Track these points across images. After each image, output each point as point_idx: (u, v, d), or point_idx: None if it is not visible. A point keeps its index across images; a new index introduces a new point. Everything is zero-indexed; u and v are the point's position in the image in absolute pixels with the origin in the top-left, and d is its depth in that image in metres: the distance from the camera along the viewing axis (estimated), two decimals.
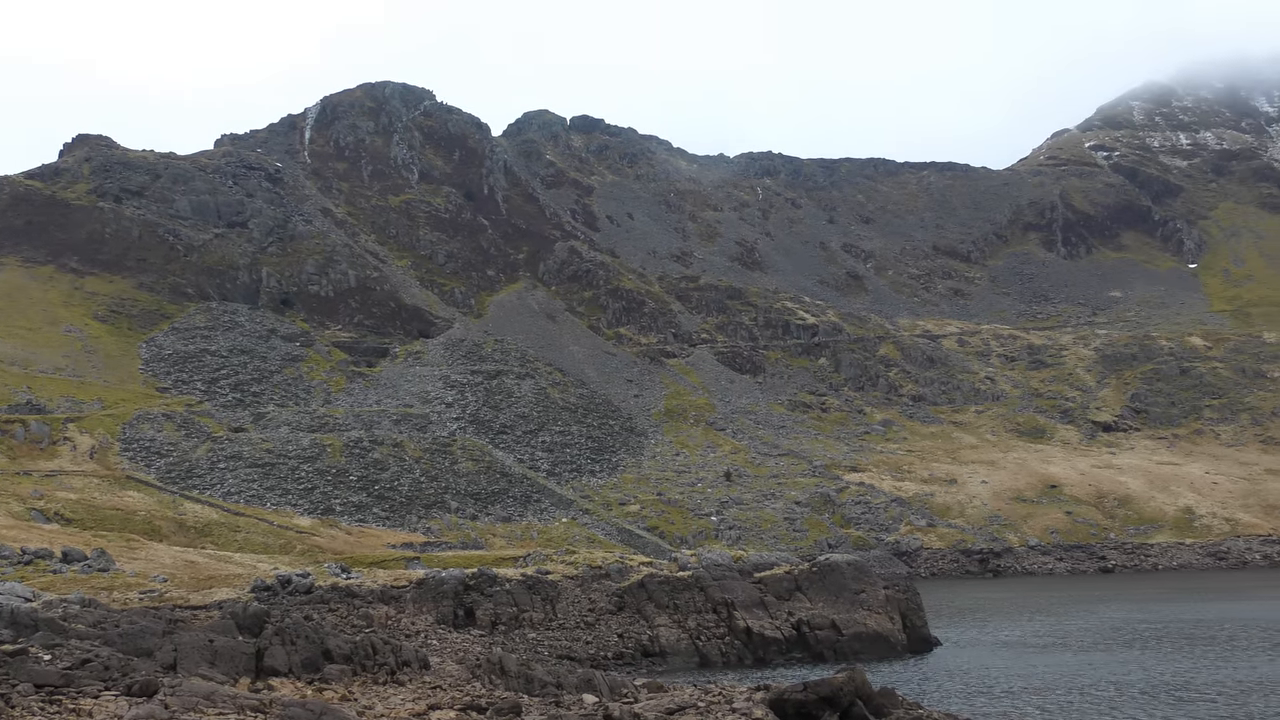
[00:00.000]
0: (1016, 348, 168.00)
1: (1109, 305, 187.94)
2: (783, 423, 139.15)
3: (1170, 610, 68.98)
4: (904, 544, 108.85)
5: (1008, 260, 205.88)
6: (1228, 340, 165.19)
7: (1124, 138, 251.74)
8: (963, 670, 47.53)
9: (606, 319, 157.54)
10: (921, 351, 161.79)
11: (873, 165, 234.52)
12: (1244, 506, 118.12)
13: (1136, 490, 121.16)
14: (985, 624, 64.72)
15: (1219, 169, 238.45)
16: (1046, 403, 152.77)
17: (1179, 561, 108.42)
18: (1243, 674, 43.35)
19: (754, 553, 65.63)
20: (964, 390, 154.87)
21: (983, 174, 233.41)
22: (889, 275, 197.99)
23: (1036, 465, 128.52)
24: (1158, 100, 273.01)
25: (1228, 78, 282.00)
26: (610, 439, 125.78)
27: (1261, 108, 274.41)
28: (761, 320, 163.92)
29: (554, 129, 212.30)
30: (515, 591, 52.54)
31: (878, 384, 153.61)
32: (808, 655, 52.27)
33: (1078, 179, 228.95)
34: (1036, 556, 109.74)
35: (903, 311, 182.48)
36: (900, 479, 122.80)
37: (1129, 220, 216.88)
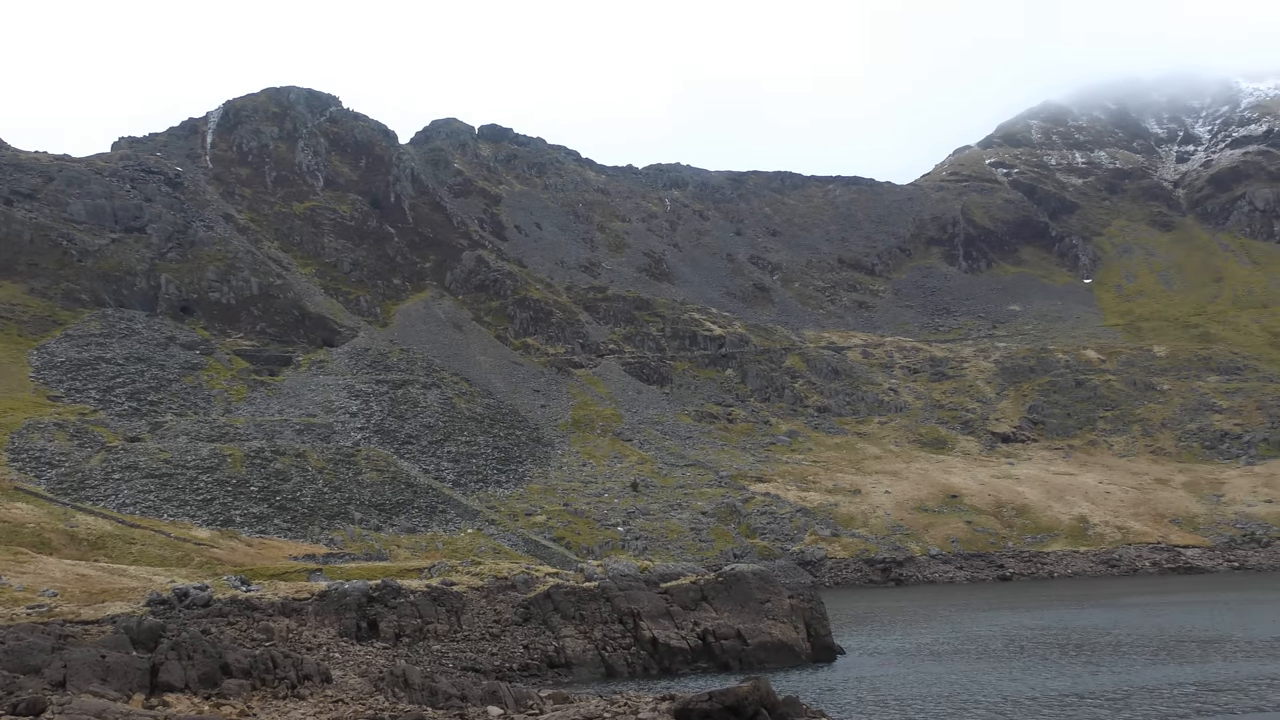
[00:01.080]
0: (919, 360, 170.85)
1: (1008, 319, 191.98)
2: (689, 433, 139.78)
3: (1063, 618, 70.54)
4: (809, 554, 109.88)
5: (911, 274, 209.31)
6: (1120, 354, 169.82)
7: (1023, 155, 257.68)
8: (865, 679, 48.04)
9: (514, 329, 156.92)
10: (827, 363, 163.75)
11: (780, 178, 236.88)
12: (1135, 515, 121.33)
13: (1034, 500, 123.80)
14: (888, 632, 65.56)
15: (1112, 187, 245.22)
16: (948, 414, 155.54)
17: (1074, 569, 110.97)
18: (1128, 680, 44.42)
19: (660, 563, 65.74)
20: (868, 401, 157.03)
21: (887, 189, 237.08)
22: (795, 287, 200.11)
23: (938, 475, 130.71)
24: (1055, 119, 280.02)
25: (1120, 99, 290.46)
26: (517, 449, 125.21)
27: (1151, 129, 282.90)
28: (669, 331, 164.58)
29: (462, 138, 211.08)
30: (420, 603, 51.91)
31: (783, 395, 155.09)
32: (713, 665, 52.42)
33: (979, 195, 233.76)
34: (938, 565, 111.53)
35: (808, 323, 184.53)
36: (805, 489, 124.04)
37: (1027, 236, 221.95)
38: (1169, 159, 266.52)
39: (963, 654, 54.26)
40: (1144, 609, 75.17)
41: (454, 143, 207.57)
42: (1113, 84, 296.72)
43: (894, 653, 56.35)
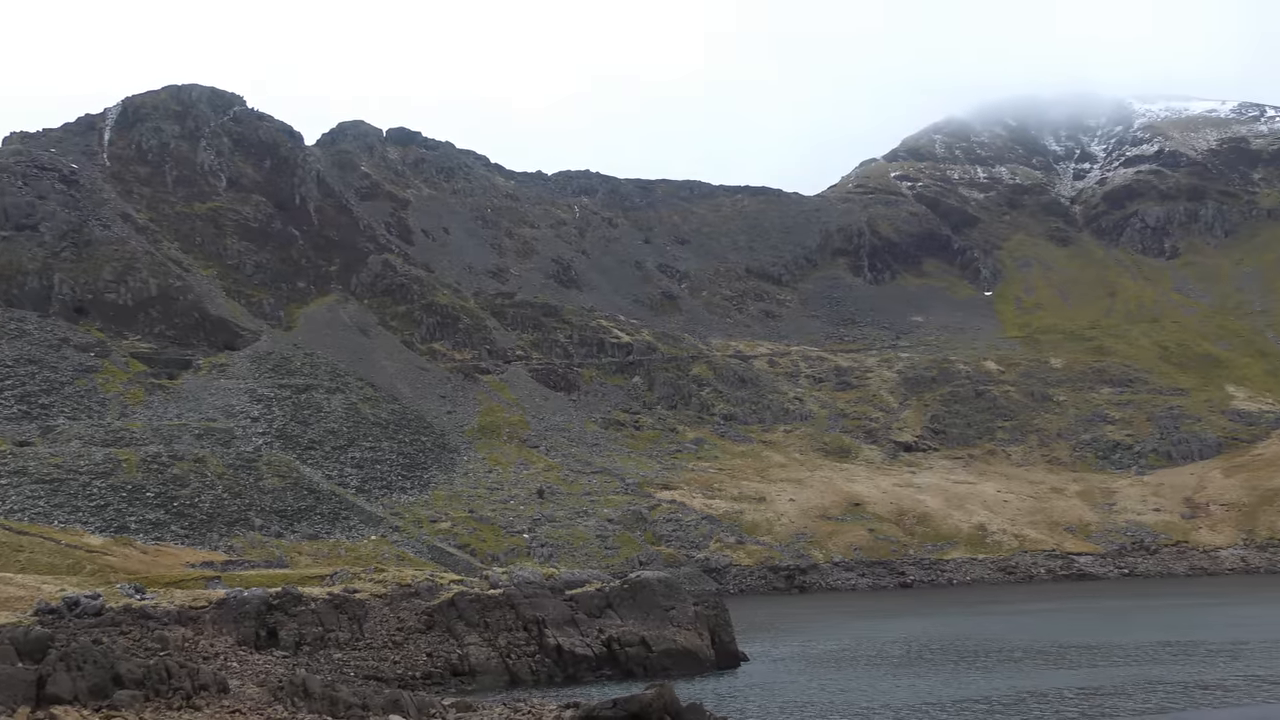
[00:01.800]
0: (824, 369, 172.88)
1: (911, 330, 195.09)
2: (596, 440, 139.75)
3: (961, 625, 71.80)
4: (714, 561, 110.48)
5: (817, 284, 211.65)
6: (1019, 365, 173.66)
7: (927, 169, 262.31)
8: (768, 685, 48.40)
9: (420, 334, 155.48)
10: (733, 371, 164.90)
11: (688, 187, 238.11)
12: (1031, 523, 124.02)
13: (934, 508, 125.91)
14: (791, 639, 66.13)
15: (1012, 202, 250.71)
16: (852, 423, 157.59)
17: (972, 576, 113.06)
18: (1019, 685, 45.33)
19: (566, 570, 65.53)
20: (774, 410, 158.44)
21: (794, 199, 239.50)
22: (703, 296, 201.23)
23: (842, 484, 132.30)
24: (958, 135, 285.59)
25: (1020, 117, 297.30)
26: (422, 455, 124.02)
27: (1050, 146, 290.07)
28: (577, 338, 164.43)
29: (370, 140, 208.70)
30: (321, 611, 51.12)
31: (690, 403, 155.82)
32: (618, 672, 52.40)
33: (884, 207, 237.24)
34: (840, 573, 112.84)
35: (716, 332, 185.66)
36: (711, 497, 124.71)
37: (931, 248, 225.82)
38: (1066, 176, 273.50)
39: (863, 661, 54.95)
40: (1037, 615, 76.87)
41: (361, 145, 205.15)
42: (1013, 101, 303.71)
43: (796, 659, 56.87)
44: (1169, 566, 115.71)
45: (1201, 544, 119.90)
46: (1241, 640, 56.27)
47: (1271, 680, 43.59)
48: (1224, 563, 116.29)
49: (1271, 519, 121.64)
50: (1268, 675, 44.62)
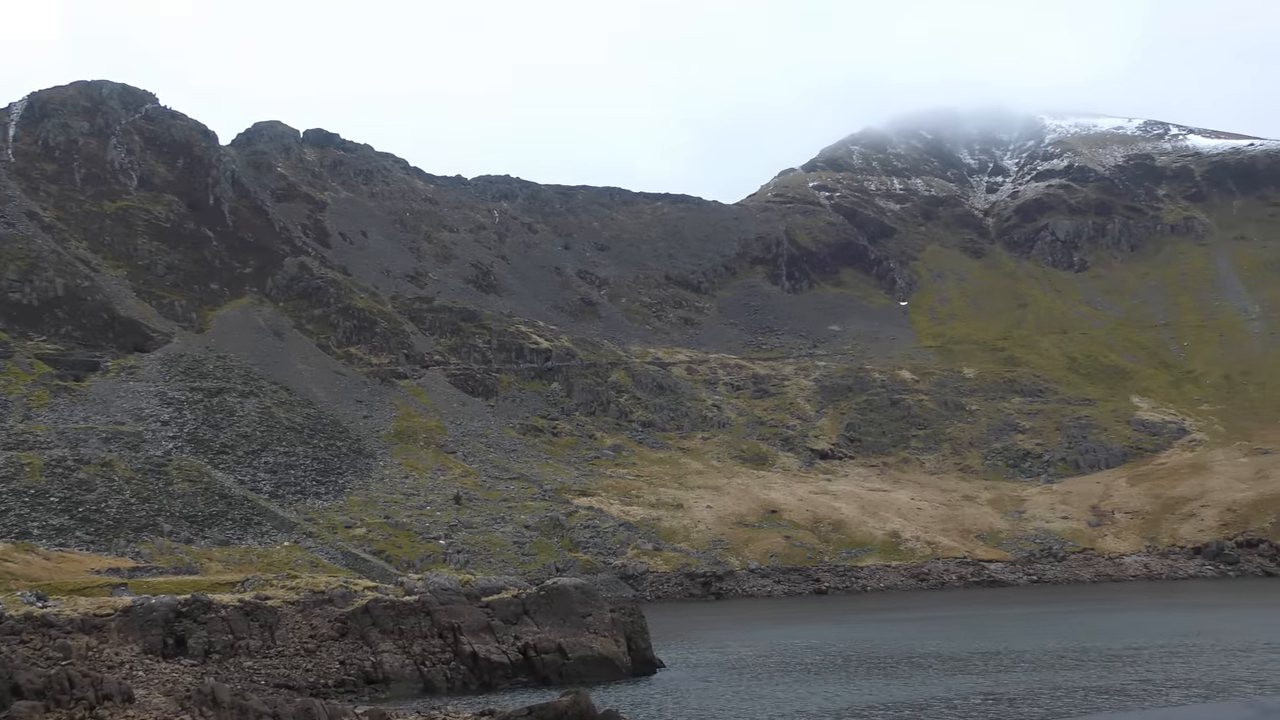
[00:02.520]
0: (742, 377, 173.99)
1: (828, 338, 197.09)
2: (514, 446, 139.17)
3: (872, 631, 72.60)
4: (631, 567, 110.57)
5: (736, 292, 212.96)
6: (933, 374, 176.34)
7: (844, 180, 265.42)
8: (682, 692, 48.52)
9: (337, 338, 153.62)
10: (652, 378, 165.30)
11: (609, 194, 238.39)
12: (943, 531, 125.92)
13: (849, 515, 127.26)
14: (706, 646, 66.38)
15: (927, 214, 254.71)
16: (769, 430, 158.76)
17: (886, 583, 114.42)
18: (926, 692, 45.94)
19: (482, 577, 65.19)
20: (692, 417, 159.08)
21: (714, 207, 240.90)
22: (622, 303, 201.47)
23: (758, 491, 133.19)
24: (875, 146, 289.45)
25: (935, 130, 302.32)
26: (337, 460, 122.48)
27: (964, 159, 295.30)
28: (495, 343, 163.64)
29: (286, 141, 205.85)
30: (231, 618, 50.21)
31: (609, 409, 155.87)
32: (534, 679, 52.19)
33: (802, 216, 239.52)
34: (756, 579, 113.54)
35: (635, 339, 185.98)
36: (629, 503, 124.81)
37: (848, 258, 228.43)
38: (980, 189, 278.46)
39: (777, 668, 55.32)
40: (946, 622, 77.98)
41: (278, 146, 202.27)
42: (929, 115, 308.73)
43: (711, 666, 57.09)
44: (1076, 573, 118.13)
45: (1107, 551, 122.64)
46: (1139, 645, 57.62)
47: (1168, 684, 44.68)
48: (1128, 569, 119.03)
49: (1173, 526, 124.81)
50: (1163, 680, 45.73)
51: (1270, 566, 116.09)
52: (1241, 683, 44.03)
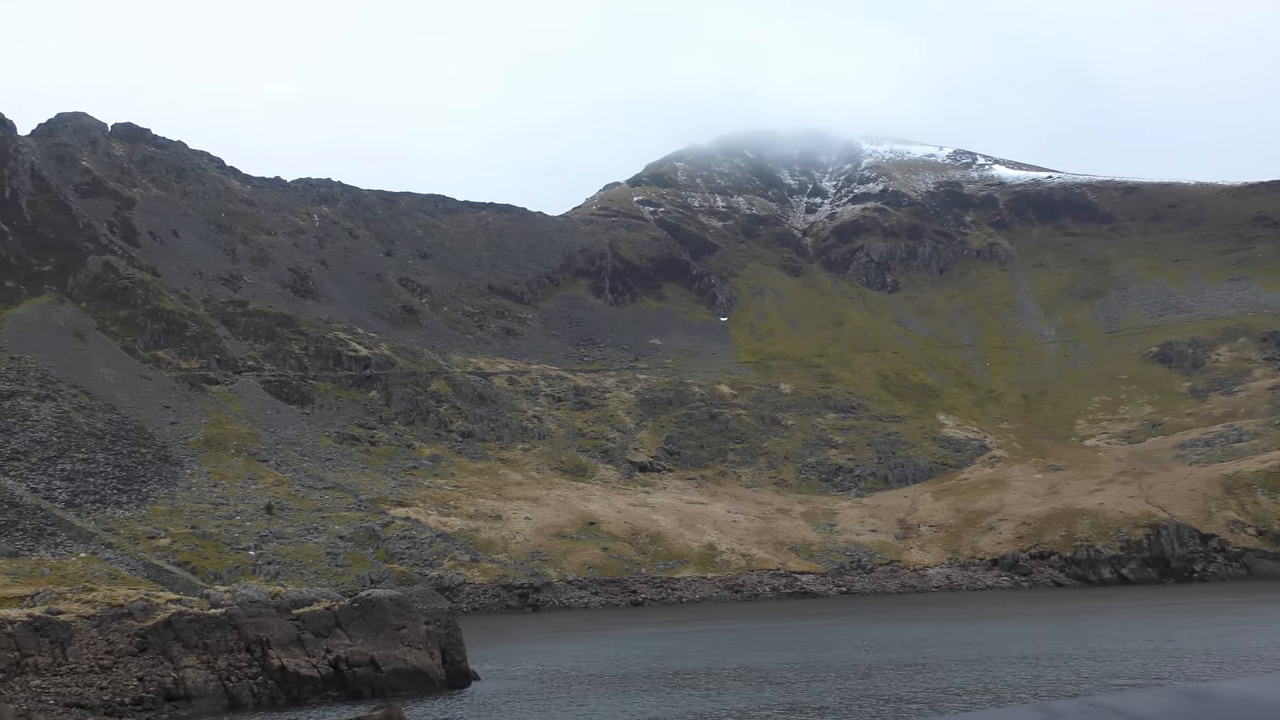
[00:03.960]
0: (564, 388, 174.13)
1: (649, 352, 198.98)
2: (330, 455, 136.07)
3: (684, 643, 73.45)
4: (448, 579, 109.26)
5: (559, 303, 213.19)
6: (751, 389, 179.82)
7: (668, 195, 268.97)
8: (496, 704, 48.18)
9: (144, 340, 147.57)
10: (473, 388, 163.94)
11: (433, 201, 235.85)
12: (758, 543, 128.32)
13: (667, 527, 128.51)
14: (522, 658, 66.07)
15: (749, 232, 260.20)
16: (589, 442, 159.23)
17: (702, 594, 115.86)
18: (727, 703, 46.69)
19: (293, 588, 63.36)
20: (512, 428, 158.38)
21: (539, 219, 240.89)
22: (444, 311, 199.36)
23: (578, 503, 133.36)
24: (699, 164, 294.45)
25: (758, 150, 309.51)
26: (141, 468, 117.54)
27: (785, 180, 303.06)
28: (312, 350, 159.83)
29: (93, 134, 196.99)
30: (18, 634, 47.54)
31: (428, 419, 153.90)
32: (345, 693, 51.01)
33: (626, 230, 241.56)
34: (574, 591, 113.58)
35: (456, 348, 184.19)
36: (446, 514, 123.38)
37: (670, 273, 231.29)
38: (799, 209, 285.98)
39: (592, 679, 55.44)
40: (757, 633, 79.39)
41: (83, 139, 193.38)
42: (752, 135, 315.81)
43: (526, 678, 56.84)
44: (883, 584, 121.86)
45: (912, 563, 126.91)
46: (935, 655, 59.76)
47: (960, 691, 46.41)
48: (931, 580, 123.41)
49: (973, 539, 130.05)
50: (955, 687, 47.50)
51: (1060, 577, 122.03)
52: (1028, 689, 46.07)
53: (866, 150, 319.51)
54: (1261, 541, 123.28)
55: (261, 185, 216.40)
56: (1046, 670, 50.87)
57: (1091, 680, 47.20)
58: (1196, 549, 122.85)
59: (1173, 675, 47.79)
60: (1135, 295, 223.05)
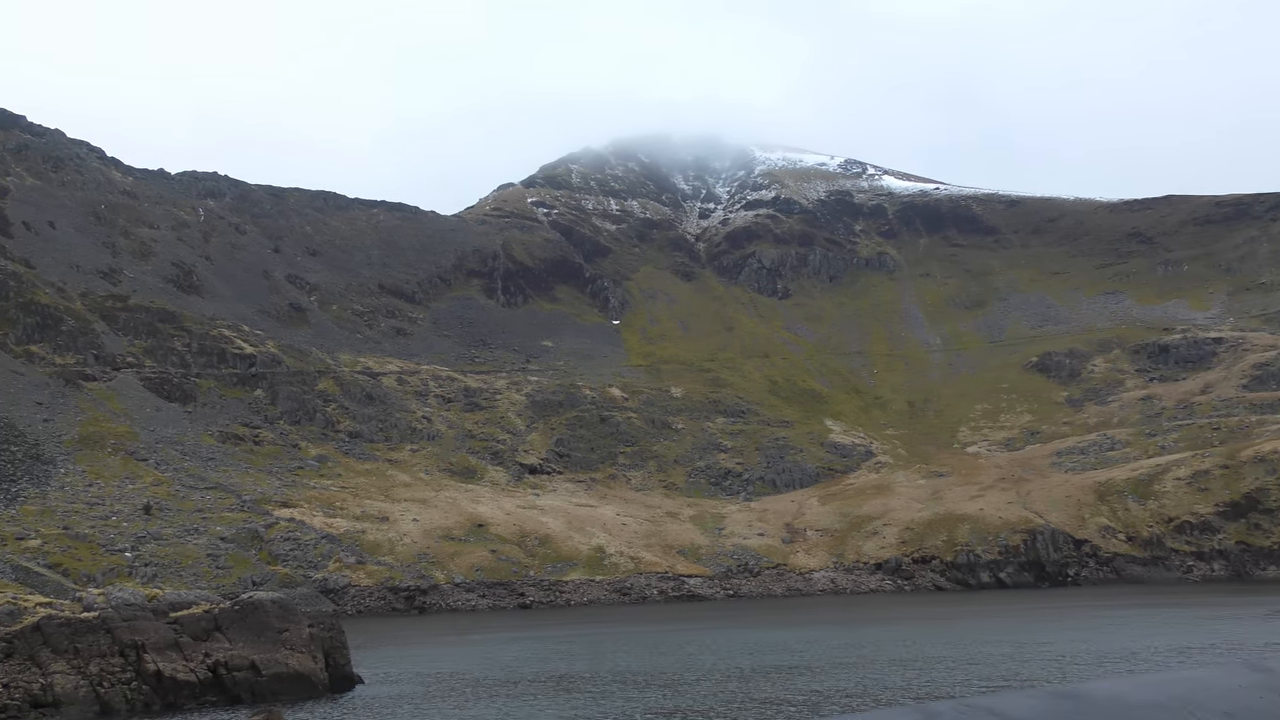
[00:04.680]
0: (454, 389, 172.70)
1: (541, 354, 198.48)
2: (212, 454, 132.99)
3: (569, 647, 73.39)
4: (332, 581, 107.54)
5: (450, 304, 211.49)
6: (642, 393, 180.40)
7: (562, 197, 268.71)
8: (378, 708, 47.61)
9: (16, 335, 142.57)
10: (361, 388, 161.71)
11: (323, 198, 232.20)
12: (647, 546, 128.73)
13: (556, 530, 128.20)
14: (406, 661, 65.34)
15: (642, 235, 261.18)
16: (479, 444, 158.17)
17: (589, 597, 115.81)
18: (611, 708, 46.81)
19: (172, 591, 61.78)
20: (401, 429, 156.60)
21: (431, 218, 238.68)
22: (333, 310, 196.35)
23: (466, 505, 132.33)
24: (594, 166, 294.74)
25: (652, 154, 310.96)
26: (11, 467, 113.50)
27: (679, 185, 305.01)
28: (195, 347, 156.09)
29: None
30: None
31: (315, 419, 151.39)
32: (224, 698, 49.88)
33: (519, 232, 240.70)
34: (461, 594, 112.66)
35: (345, 347, 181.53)
36: (332, 515, 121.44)
37: (563, 275, 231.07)
38: (693, 214, 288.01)
39: (476, 683, 55.07)
40: (640, 636, 79.63)
41: None
42: (647, 139, 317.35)
43: (410, 681, 56.25)
44: (769, 588, 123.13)
45: (798, 566, 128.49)
46: (815, 658, 60.62)
47: (838, 694, 47.11)
48: (816, 584, 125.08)
49: (858, 543, 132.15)
50: (832, 690, 48.20)
51: (940, 581, 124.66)
52: (907, 691, 46.94)
53: (760, 157, 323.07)
54: (1131, 547, 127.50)
55: (144, 177, 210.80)
56: (924, 673, 51.90)
57: (968, 682, 48.29)
58: (1070, 554, 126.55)
59: (1046, 677, 49.15)
60: (1017, 306, 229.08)
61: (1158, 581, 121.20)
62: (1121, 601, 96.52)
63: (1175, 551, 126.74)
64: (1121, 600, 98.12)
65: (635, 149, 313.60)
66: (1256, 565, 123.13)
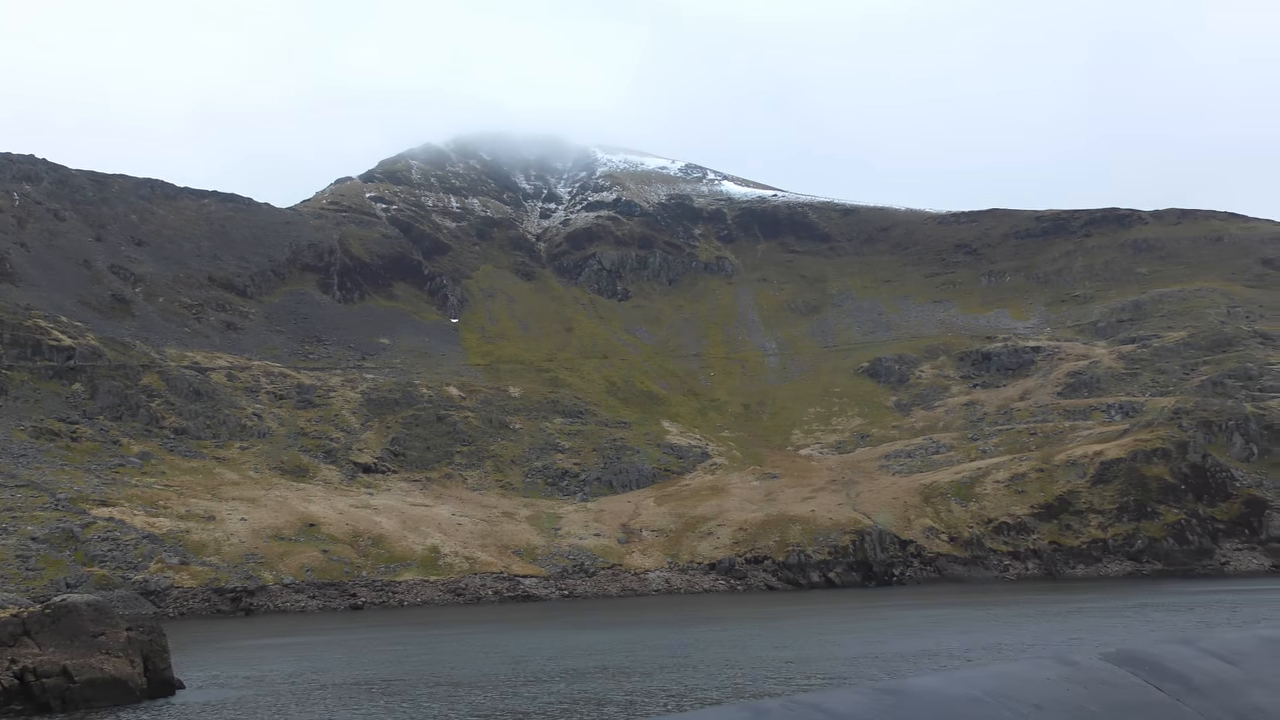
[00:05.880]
0: (286, 386, 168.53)
1: (378, 351, 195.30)
2: (24, 451, 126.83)
3: (404, 650, 72.47)
4: (154, 583, 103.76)
5: (284, 299, 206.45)
6: (480, 392, 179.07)
7: (402, 193, 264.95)
8: (197, 713, 46.17)
9: None
10: (188, 383, 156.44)
11: (150, 186, 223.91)
12: (482, 546, 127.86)
13: (390, 530, 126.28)
14: (230, 664, 63.47)
15: (482, 234, 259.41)
16: (312, 442, 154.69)
17: (423, 598, 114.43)
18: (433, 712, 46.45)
19: None
20: (230, 425, 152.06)
21: (265, 210, 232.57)
22: (160, 302, 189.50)
23: (297, 504, 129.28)
24: (435, 163, 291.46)
25: (494, 153, 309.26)
26: None
27: (520, 184, 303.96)
28: (8, 338, 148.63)
29: None
30: None
31: (138, 414, 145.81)
32: (32, 706, 47.57)
33: (357, 227, 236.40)
34: (290, 595, 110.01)
35: (171, 341, 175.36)
36: (155, 515, 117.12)
37: (401, 272, 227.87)
38: (534, 214, 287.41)
39: (296, 686, 53.84)
40: (470, 638, 79.09)
41: None
42: (489, 137, 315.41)
43: (233, 685, 54.66)
44: (604, 588, 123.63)
45: (634, 567, 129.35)
46: (645, 659, 61.16)
47: (663, 695, 47.60)
48: (651, 584, 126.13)
49: (692, 544, 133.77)
50: (661, 689, 48.70)
51: (772, 581, 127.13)
52: (736, 689, 47.68)
53: (601, 159, 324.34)
54: (953, 547, 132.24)
55: None
56: (753, 671, 52.80)
57: (794, 680, 49.30)
58: (896, 554, 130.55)
59: (870, 674, 50.51)
60: (850, 312, 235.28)
61: (977, 580, 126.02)
62: (943, 600, 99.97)
63: (994, 551, 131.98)
64: (943, 599, 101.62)
65: (477, 146, 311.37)
66: (1067, 564, 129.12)
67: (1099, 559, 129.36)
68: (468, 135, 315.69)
